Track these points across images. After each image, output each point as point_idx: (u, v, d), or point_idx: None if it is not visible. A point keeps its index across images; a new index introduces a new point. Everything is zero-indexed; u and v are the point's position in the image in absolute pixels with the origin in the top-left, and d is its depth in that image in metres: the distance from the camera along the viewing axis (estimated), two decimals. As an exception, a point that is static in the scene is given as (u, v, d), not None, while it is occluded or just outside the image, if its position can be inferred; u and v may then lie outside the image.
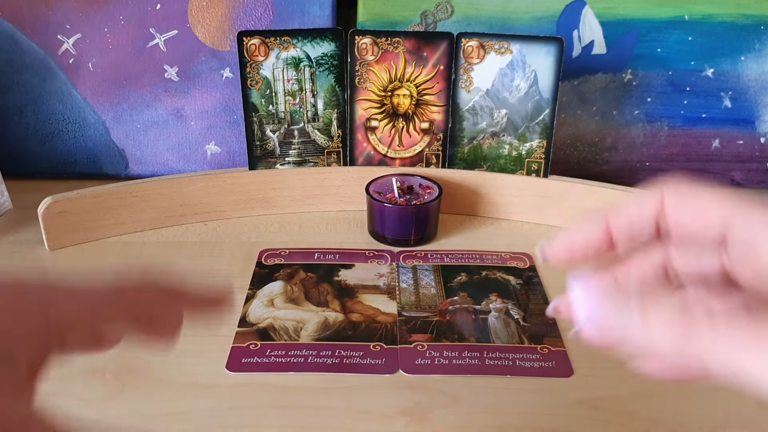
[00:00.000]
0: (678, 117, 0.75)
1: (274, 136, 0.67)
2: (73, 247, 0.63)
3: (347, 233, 0.67)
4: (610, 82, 0.73)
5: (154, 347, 0.26)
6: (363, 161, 0.69)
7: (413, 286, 0.58)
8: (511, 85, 0.65)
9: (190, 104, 0.73)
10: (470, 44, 0.64)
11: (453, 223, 0.69)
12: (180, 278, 0.28)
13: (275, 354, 0.50)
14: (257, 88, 0.65)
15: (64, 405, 0.45)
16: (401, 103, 0.67)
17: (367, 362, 0.49)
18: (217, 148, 0.75)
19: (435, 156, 0.69)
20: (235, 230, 0.67)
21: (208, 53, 0.71)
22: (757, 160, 0.76)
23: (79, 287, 0.25)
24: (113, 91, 0.73)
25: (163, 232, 0.66)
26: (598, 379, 0.48)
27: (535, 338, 0.52)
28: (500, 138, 0.67)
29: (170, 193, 0.66)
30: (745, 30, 0.71)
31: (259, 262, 0.61)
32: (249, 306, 0.55)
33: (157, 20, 0.70)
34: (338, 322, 0.54)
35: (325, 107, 0.66)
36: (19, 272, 0.25)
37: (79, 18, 0.70)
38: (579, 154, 0.76)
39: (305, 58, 0.64)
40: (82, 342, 0.25)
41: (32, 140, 0.75)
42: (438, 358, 0.50)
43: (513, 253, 0.63)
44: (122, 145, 0.75)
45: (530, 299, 0.57)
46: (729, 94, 0.74)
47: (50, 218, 0.61)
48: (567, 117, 0.75)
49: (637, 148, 0.76)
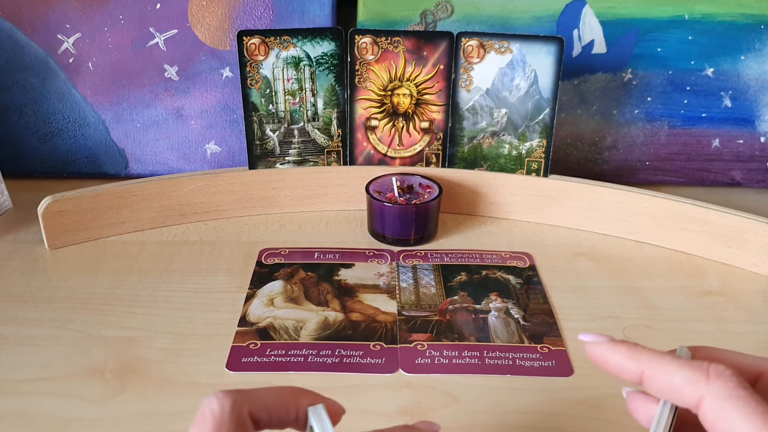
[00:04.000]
0: (678, 116, 0.75)
1: (274, 136, 0.67)
2: (73, 247, 0.63)
3: (347, 233, 0.67)
4: (610, 81, 0.73)
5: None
6: (363, 161, 0.69)
7: (413, 285, 0.58)
8: (511, 85, 0.65)
9: (190, 104, 0.73)
10: (470, 43, 0.64)
11: (453, 223, 0.69)
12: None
13: (275, 353, 0.50)
14: (257, 87, 0.65)
15: (64, 405, 0.45)
16: (401, 103, 0.67)
17: (367, 362, 0.49)
18: (217, 147, 0.75)
19: (435, 155, 0.68)
20: (235, 229, 0.67)
21: (208, 52, 0.71)
22: (757, 159, 0.76)
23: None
24: (113, 91, 0.73)
25: (163, 231, 0.66)
26: (598, 379, 0.48)
27: (535, 338, 0.52)
28: (500, 137, 0.67)
29: (170, 192, 0.66)
30: (745, 29, 0.71)
31: (259, 262, 0.61)
32: (249, 305, 0.55)
33: (157, 20, 0.70)
34: (338, 321, 0.54)
35: (325, 107, 0.66)
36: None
37: (79, 17, 0.70)
38: (579, 154, 0.76)
39: (305, 57, 0.64)
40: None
41: (32, 139, 0.75)
42: (438, 358, 0.50)
43: (513, 253, 0.63)
44: (122, 145, 0.75)
45: (530, 298, 0.57)
46: (729, 94, 0.74)
47: (50, 218, 0.61)
48: (567, 116, 0.75)
49: (637, 147, 0.76)
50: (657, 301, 0.57)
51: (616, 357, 0.31)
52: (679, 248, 0.64)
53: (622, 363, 0.31)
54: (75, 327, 0.52)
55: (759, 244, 0.61)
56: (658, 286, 0.59)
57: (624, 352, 0.31)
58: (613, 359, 0.31)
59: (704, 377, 0.28)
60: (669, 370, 0.29)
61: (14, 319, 0.53)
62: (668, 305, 0.57)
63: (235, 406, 0.29)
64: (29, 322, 0.53)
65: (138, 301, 0.56)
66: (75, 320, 0.53)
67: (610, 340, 0.32)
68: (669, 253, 0.64)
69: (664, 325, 0.54)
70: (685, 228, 0.63)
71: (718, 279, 0.61)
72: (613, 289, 0.59)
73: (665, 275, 0.61)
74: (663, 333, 0.53)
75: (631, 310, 0.56)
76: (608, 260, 0.63)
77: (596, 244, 0.66)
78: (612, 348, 0.31)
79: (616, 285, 0.59)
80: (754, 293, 0.59)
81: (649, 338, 0.53)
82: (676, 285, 0.60)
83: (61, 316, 0.53)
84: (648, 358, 0.30)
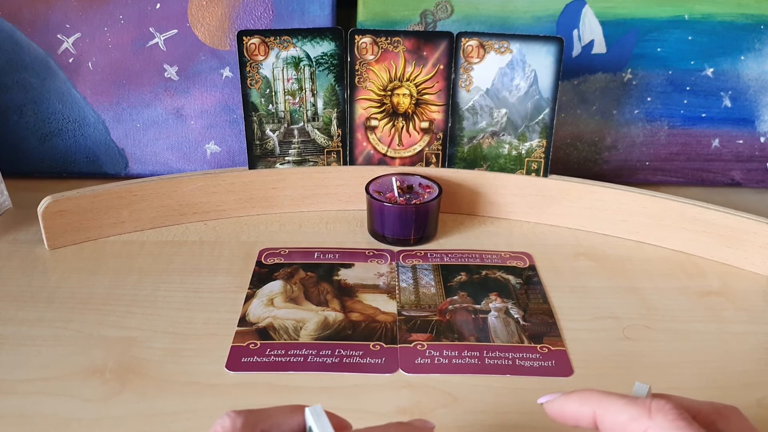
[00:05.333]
0: (678, 116, 0.75)
1: (273, 136, 0.67)
2: (72, 247, 0.63)
3: (347, 232, 0.67)
4: (609, 81, 0.73)
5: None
6: (363, 161, 0.69)
7: (413, 285, 0.58)
8: (511, 85, 0.65)
9: (190, 103, 0.73)
10: (470, 43, 0.64)
11: (453, 223, 0.69)
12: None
13: (275, 353, 0.50)
14: (257, 87, 0.65)
15: (64, 405, 0.45)
16: (401, 103, 0.67)
17: (366, 362, 0.49)
18: (216, 147, 0.75)
19: (435, 155, 0.69)
20: (234, 229, 0.67)
21: (208, 52, 0.71)
22: (757, 159, 0.76)
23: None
24: (113, 91, 0.73)
25: (163, 231, 0.66)
26: (598, 378, 0.48)
27: (534, 338, 0.52)
28: (500, 137, 0.67)
29: (170, 192, 0.66)
30: (745, 29, 0.71)
31: (259, 262, 0.61)
32: (249, 305, 0.55)
33: (157, 19, 0.70)
34: (338, 321, 0.54)
35: (325, 107, 0.66)
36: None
37: (79, 17, 0.70)
38: (579, 154, 0.76)
39: (305, 57, 0.64)
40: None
41: (32, 139, 0.75)
42: (438, 358, 0.50)
43: (513, 253, 0.63)
44: (122, 145, 0.75)
45: (530, 299, 0.57)
46: (729, 94, 0.74)
47: (50, 218, 0.61)
48: (567, 116, 0.75)
49: (637, 147, 0.76)
50: (657, 301, 0.57)
51: (571, 406, 0.33)
52: (679, 248, 0.64)
53: (577, 410, 0.33)
54: (75, 327, 0.52)
55: (759, 244, 0.61)
56: (658, 286, 0.59)
57: (576, 399, 0.33)
58: (569, 409, 0.33)
59: (646, 413, 0.30)
60: (616, 410, 0.31)
61: (14, 319, 0.53)
62: (668, 305, 0.57)
63: (247, 423, 0.30)
64: (29, 322, 0.53)
65: (138, 301, 0.56)
66: (75, 320, 0.53)
67: (563, 394, 0.34)
68: (669, 253, 0.64)
69: (664, 325, 0.54)
70: (685, 228, 0.63)
71: (718, 279, 0.61)
72: (612, 290, 0.59)
73: (665, 275, 0.61)
74: (663, 333, 0.53)
75: (631, 310, 0.56)
76: (608, 260, 0.63)
77: (596, 244, 0.66)
78: (566, 399, 0.34)
79: (616, 285, 0.59)
80: (754, 293, 0.59)
81: (649, 338, 0.53)
82: (676, 285, 0.60)
83: (61, 316, 0.53)
84: (597, 399, 0.32)
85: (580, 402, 0.33)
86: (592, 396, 0.33)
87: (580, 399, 0.33)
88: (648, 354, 0.51)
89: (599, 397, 0.32)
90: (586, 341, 0.52)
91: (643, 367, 0.50)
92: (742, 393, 0.47)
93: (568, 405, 0.33)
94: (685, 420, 0.30)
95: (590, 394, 0.33)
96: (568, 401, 0.33)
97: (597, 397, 0.32)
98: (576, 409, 0.33)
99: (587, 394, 0.33)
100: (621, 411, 0.31)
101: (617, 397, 0.32)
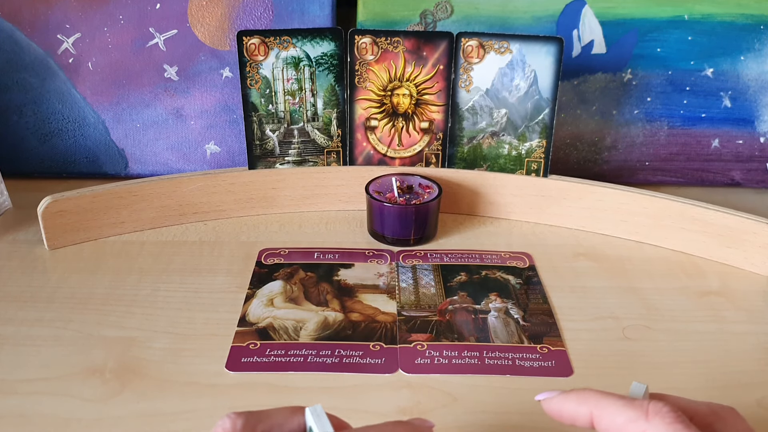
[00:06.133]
0: (678, 117, 0.75)
1: (273, 136, 0.67)
2: (72, 247, 0.63)
3: (347, 233, 0.67)
4: (609, 81, 0.73)
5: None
6: (363, 161, 0.69)
7: (413, 285, 0.58)
8: (511, 85, 0.65)
9: (190, 104, 0.73)
10: (470, 44, 0.64)
11: (453, 223, 0.69)
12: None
13: (275, 353, 0.50)
14: (257, 87, 0.65)
15: (64, 405, 0.45)
16: (401, 103, 0.67)
17: (366, 362, 0.49)
18: (216, 147, 0.75)
19: (435, 155, 0.69)
20: (234, 230, 0.67)
21: (208, 53, 0.71)
22: (757, 159, 0.77)
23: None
24: (113, 91, 0.73)
25: (163, 231, 0.66)
26: (597, 379, 0.48)
27: (534, 338, 0.52)
28: (500, 138, 0.67)
29: (170, 192, 0.66)
30: (745, 30, 0.71)
31: (259, 262, 0.61)
32: (248, 305, 0.55)
33: (157, 20, 0.70)
34: (338, 321, 0.54)
35: (325, 107, 0.66)
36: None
37: (79, 17, 0.70)
38: (579, 154, 0.76)
39: (305, 57, 0.64)
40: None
41: (32, 140, 0.75)
42: (438, 358, 0.50)
43: (513, 253, 0.63)
44: (122, 145, 0.75)
45: (530, 299, 0.57)
46: (729, 94, 0.74)
47: (50, 218, 0.61)
48: (567, 116, 0.75)
49: (637, 147, 0.76)
50: (657, 302, 0.57)
51: (569, 405, 0.33)
52: (678, 248, 0.64)
53: (574, 410, 0.33)
54: (75, 327, 0.52)
55: (759, 244, 0.61)
56: (657, 286, 0.59)
57: (574, 399, 0.33)
58: (567, 408, 0.33)
59: (644, 415, 0.30)
60: (613, 411, 0.31)
61: (14, 319, 0.53)
62: (668, 305, 0.57)
63: (247, 424, 0.30)
64: (29, 322, 0.53)
65: (138, 301, 0.56)
66: (75, 320, 0.53)
67: (561, 392, 0.34)
68: (669, 253, 0.64)
69: (664, 325, 0.54)
70: (685, 228, 0.63)
71: (717, 279, 0.61)
72: (612, 290, 0.59)
73: (665, 275, 0.61)
74: (663, 333, 0.53)
75: (631, 310, 0.56)
76: (608, 260, 0.63)
77: (596, 244, 0.66)
78: (564, 398, 0.34)
79: (616, 285, 0.59)
80: (753, 293, 0.59)
81: (649, 338, 0.53)
82: (675, 285, 0.60)
83: (61, 316, 0.53)
84: (595, 399, 0.32)
85: (578, 401, 0.33)
86: (590, 396, 0.33)
87: (578, 398, 0.33)
88: (648, 354, 0.51)
89: (597, 398, 0.32)
90: (586, 341, 0.52)
91: (643, 367, 0.50)
92: (741, 393, 0.47)
93: (565, 404, 0.33)
94: (683, 422, 0.30)
95: (588, 393, 0.33)
96: (565, 400, 0.33)
97: (595, 398, 0.32)
98: (573, 409, 0.33)
99: (585, 394, 0.33)
100: (618, 412, 0.31)
101: (615, 398, 0.32)
